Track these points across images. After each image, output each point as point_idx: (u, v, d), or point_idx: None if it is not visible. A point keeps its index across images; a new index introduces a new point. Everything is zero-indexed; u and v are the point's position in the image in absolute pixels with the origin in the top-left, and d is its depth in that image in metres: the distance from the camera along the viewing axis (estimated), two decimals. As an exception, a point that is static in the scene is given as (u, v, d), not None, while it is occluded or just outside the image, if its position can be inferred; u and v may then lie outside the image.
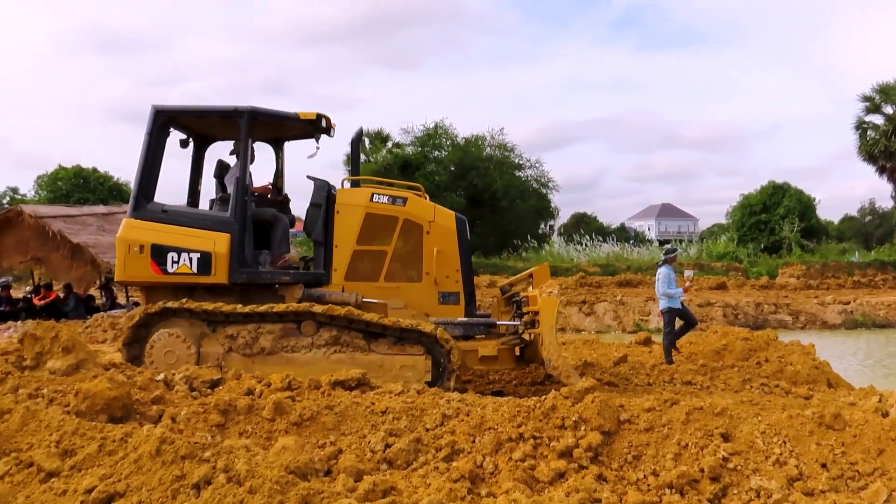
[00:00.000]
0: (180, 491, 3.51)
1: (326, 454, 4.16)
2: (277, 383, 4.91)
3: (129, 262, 6.84)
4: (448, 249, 6.93)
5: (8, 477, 3.75)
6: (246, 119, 6.88)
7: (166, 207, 7.11)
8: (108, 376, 4.50)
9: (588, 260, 28.57)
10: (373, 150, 37.55)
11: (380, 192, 7.07)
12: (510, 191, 33.65)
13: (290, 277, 6.90)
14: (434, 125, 36.34)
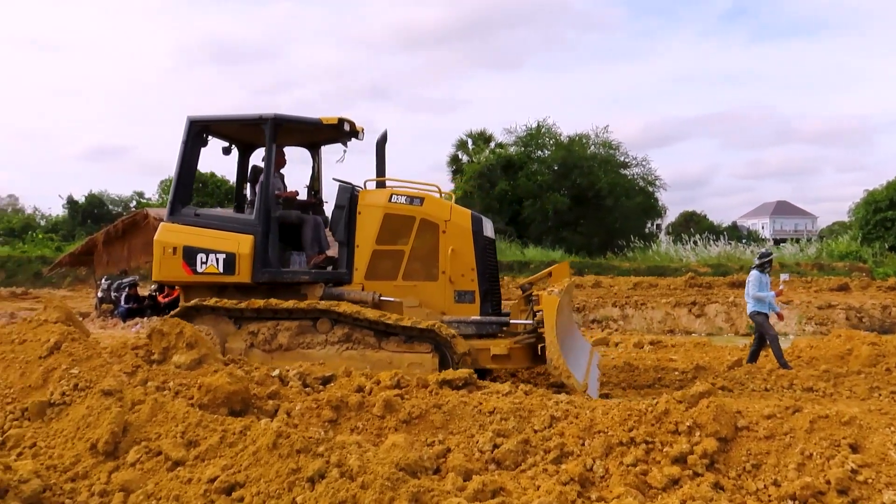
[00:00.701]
0: (296, 484, 3.62)
1: (435, 452, 4.20)
2: (387, 381, 4.99)
3: (163, 262, 7.27)
4: (463, 248, 7.00)
5: (139, 464, 3.98)
6: (270, 126, 7.16)
7: (199, 211, 7.56)
8: (228, 371, 4.70)
9: (698, 260, 27.60)
10: (475, 150, 37.69)
11: (398, 193, 7.21)
12: (615, 189, 33.01)
13: (308, 277, 7.13)
14: (537, 124, 36.13)
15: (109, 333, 12.78)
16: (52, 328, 5.05)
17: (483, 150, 37.18)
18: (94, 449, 4.07)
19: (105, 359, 4.92)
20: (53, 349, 4.84)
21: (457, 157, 39.16)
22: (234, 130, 7.85)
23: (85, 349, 4.92)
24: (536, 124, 36.09)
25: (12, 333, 5.12)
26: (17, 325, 5.30)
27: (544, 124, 36.09)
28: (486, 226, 7.33)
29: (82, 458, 4.08)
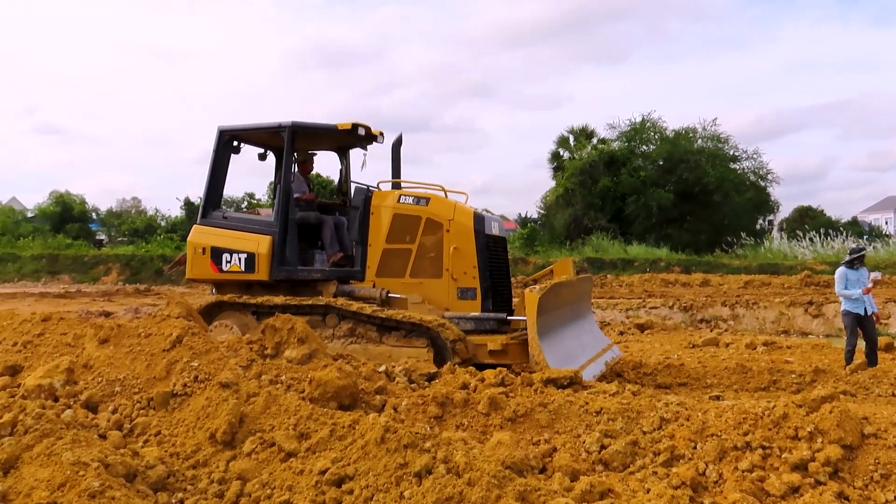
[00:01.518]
0: (403, 478, 3.67)
1: (541, 451, 4.17)
2: (491, 378, 4.99)
3: (195, 262, 7.90)
4: (465, 246, 7.25)
5: (254, 454, 4.14)
6: (288, 133, 7.61)
7: (226, 214, 8.22)
8: (337, 366, 4.82)
9: (814, 257, 26.24)
10: (577, 146, 37.16)
11: (406, 194, 7.59)
12: (724, 184, 31.79)
13: (321, 275, 7.57)
14: (641, 119, 35.27)
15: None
16: (175, 323, 5.32)
17: (585, 147, 36.62)
18: (213, 438, 4.26)
19: (222, 352, 5.15)
20: (176, 343, 5.11)
21: (558, 154, 38.73)
22: (262, 137, 8.26)
23: (204, 343, 5.17)
24: (641, 119, 35.24)
25: (139, 327, 5.43)
26: (142, 320, 5.61)
27: (649, 118, 35.19)
28: (491, 225, 7.54)
29: (202, 446, 4.28)
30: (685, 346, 11.03)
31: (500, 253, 7.72)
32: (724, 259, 27.49)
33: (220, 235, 7.81)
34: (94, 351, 5.29)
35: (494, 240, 7.59)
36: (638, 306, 19.29)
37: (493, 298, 7.28)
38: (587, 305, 8.71)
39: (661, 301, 19.11)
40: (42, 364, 5.31)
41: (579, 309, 8.09)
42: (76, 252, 32.09)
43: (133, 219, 48.68)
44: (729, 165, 33.31)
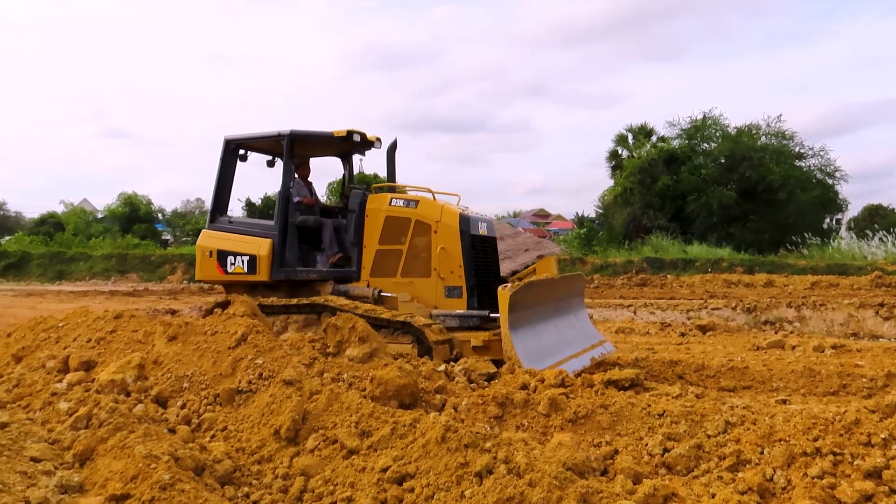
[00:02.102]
0: (464, 478, 3.68)
1: (602, 453, 4.13)
2: (551, 379, 4.97)
3: (203, 264, 8.40)
4: (452, 247, 7.50)
5: (317, 451, 4.21)
6: (287, 141, 7.99)
7: (232, 219, 8.60)
8: (398, 365, 4.86)
9: (885, 257, 25.31)
10: (636, 145, 36.64)
11: (397, 197, 7.91)
12: (788, 182, 30.90)
13: (317, 275, 7.95)
14: (702, 116, 34.56)
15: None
16: (240, 321, 5.45)
17: (644, 145, 36.08)
18: (277, 434, 4.35)
19: (286, 350, 5.25)
20: (241, 341, 5.23)
21: (616, 153, 38.26)
22: (265, 146, 8.62)
23: (268, 341, 5.28)
24: (702, 116, 34.54)
25: (206, 325, 5.58)
26: (209, 318, 5.76)
27: (710, 116, 34.46)
28: (478, 225, 7.83)
29: (267, 442, 4.38)
30: (749, 348, 10.76)
31: (488, 252, 8.00)
32: (790, 259, 26.73)
33: (226, 239, 8.28)
34: (164, 348, 5.46)
35: (481, 240, 7.85)
36: (699, 307, 18.91)
37: (479, 296, 7.48)
38: (578, 302, 8.86)
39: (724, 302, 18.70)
40: (114, 360, 5.50)
41: (566, 305, 8.24)
42: (143, 252, 33.13)
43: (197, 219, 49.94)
44: (794, 163, 32.38)
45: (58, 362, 5.68)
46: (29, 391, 5.28)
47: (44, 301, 21.16)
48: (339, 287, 7.79)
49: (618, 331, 13.22)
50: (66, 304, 16.54)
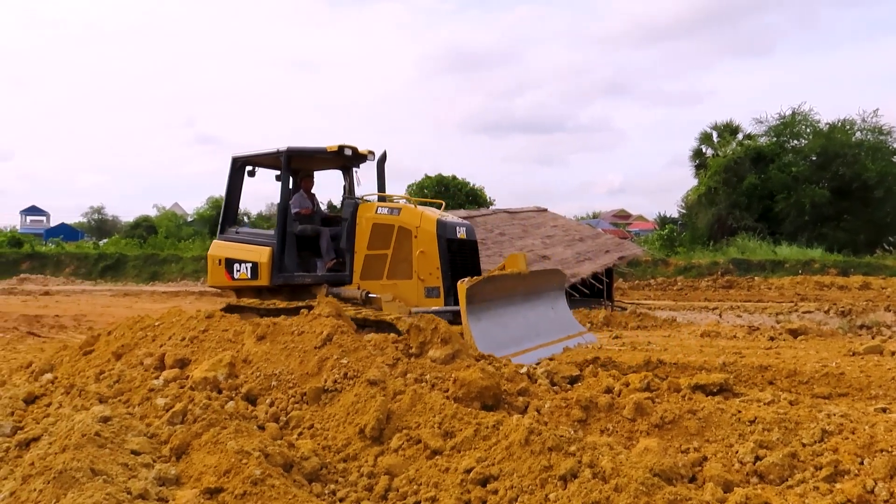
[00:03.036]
0: (548, 481, 3.66)
1: (690, 460, 4.02)
2: (636, 383, 4.88)
3: (213, 271, 9.12)
4: (430, 250, 8.02)
5: (401, 450, 4.26)
6: (284, 157, 8.62)
7: (239, 230, 9.34)
8: (480, 367, 4.87)
9: None
10: (721, 143, 35.64)
11: (382, 206, 8.51)
12: (886, 179, 29.49)
13: (311, 279, 8.55)
14: (791, 112, 33.34)
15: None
16: (325, 321, 5.57)
17: (730, 143, 35.05)
18: (362, 434, 4.42)
19: (370, 351, 5.33)
20: (326, 341, 5.34)
21: (700, 151, 37.30)
22: (268, 161, 9.16)
23: (352, 341, 5.38)
24: (790, 112, 33.32)
25: (292, 325, 5.73)
26: (295, 318, 5.91)
27: (800, 111, 33.23)
28: (455, 230, 8.32)
29: (352, 441, 4.46)
30: (844, 353, 10.27)
31: (467, 254, 8.48)
32: (888, 260, 25.46)
33: (232, 248, 8.98)
34: (253, 347, 5.63)
35: (459, 243, 8.34)
36: (789, 310, 18.24)
37: (455, 296, 7.72)
38: (557, 295, 9.24)
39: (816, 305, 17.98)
40: (206, 358, 5.70)
41: (541, 298, 8.58)
42: (230, 253, 34.11)
43: (280, 222, 51.11)
44: (892, 159, 30.84)
45: (154, 360, 5.93)
46: (128, 387, 5.53)
47: (139, 301, 22.15)
48: (332, 290, 8.35)
49: (703, 334, 12.84)
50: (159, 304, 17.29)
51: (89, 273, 33.30)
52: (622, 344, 11.78)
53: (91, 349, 7.10)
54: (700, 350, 10.27)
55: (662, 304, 21.55)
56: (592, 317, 15.93)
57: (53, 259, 34.85)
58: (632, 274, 27.97)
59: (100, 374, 6.04)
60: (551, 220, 23.50)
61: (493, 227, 20.46)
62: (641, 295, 25.40)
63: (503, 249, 18.73)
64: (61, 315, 17.08)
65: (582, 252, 20.27)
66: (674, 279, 27.81)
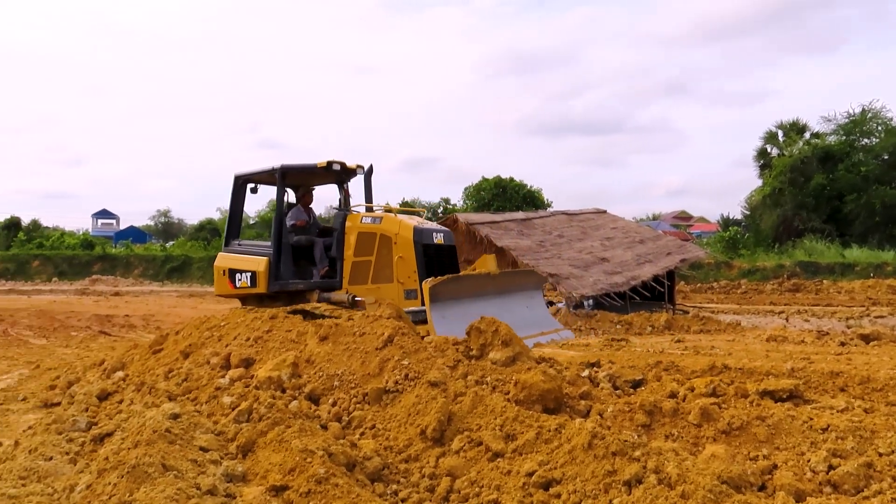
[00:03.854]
0: (612, 486, 3.61)
1: (760, 468, 3.91)
2: (702, 388, 4.78)
3: (218, 281, 9.83)
4: (408, 255, 8.53)
5: (462, 452, 4.26)
6: (279, 174, 9.18)
7: (241, 242, 10.06)
8: (542, 370, 4.84)
9: None
10: (787, 143, 34.67)
11: (366, 215, 9.09)
12: (963, 179, 28.21)
13: (304, 286, 9.16)
14: (861, 110, 32.21)
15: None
16: (386, 323, 5.61)
17: (796, 142, 34.07)
18: (424, 435, 4.44)
19: (430, 352, 5.35)
20: (387, 342, 5.38)
21: (765, 151, 36.37)
22: (266, 178, 9.69)
23: (413, 343, 5.40)
24: (861, 109, 32.18)
25: (354, 326, 5.79)
26: (357, 320, 5.98)
27: (870, 108, 32.05)
28: (432, 236, 8.76)
29: (413, 441, 4.47)
30: (921, 360, 9.88)
31: (444, 258, 8.87)
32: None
33: (235, 259, 9.68)
34: (315, 347, 5.71)
35: (436, 248, 8.78)
36: (860, 315, 17.62)
37: None
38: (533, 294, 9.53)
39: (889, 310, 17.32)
40: (270, 358, 5.81)
41: (515, 297, 8.93)
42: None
43: (339, 224, 51.77)
44: (970, 158, 29.53)
45: (220, 359, 6.07)
46: (196, 385, 5.68)
47: (203, 301, 22.73)
48: (323, 295, 9.05)
49: (769, 339, 12.52)
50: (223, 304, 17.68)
51: (156, 274, 34.35)
52: (684, 348, 11.56)
53: (160, 348, 7.32)
54: (766, 355, 10.02)
55: (726, 308, 21.08)
56: (653, 320, 15.69)
57: (123, 261, 36.04)
58: (694, 277, 27.42)
59: (168, 372, 6.22)
60: (611, 221, 23.23)
61: (552, 230, 20.32)
62: (704, 298, 24.88)
63: (562, 252, 18.59)
64: (131, 315, 17.66)
65: (642, 254, 19.98)
66: (737, 282, 27.16)
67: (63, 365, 9.65)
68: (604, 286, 17.04)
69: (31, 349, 12.60)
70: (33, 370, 9.70)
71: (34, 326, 15.62)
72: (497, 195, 40.24)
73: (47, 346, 12.96)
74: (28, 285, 31.00)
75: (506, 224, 19.50)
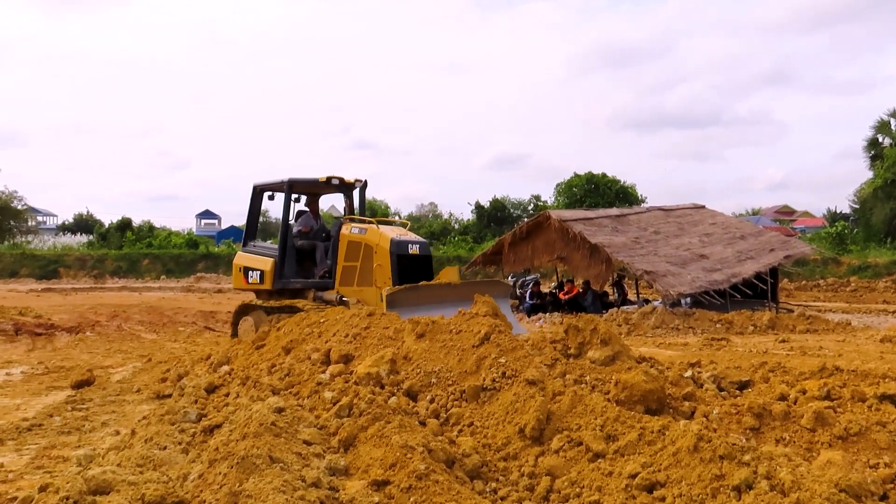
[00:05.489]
0: (720, 491, 3.48)
1: (881, 476, 3.70)
2: (815, 391, 4.55)
3: (236, 276, 11.29)
4: (385, 263, 9.68)
5: (562, 452, 4.20)
6: (287, 186, 10.53)
7: (255, 244, 11.47)
8: (643, 369, 4.72)
9: None
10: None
11: (355, 226, 10.25)
12: None
13: (301, 285, 10.52)
14: None
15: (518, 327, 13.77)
16: (483, 321, 5.61)
17: (914, 132, 32.06)
18: (522, 433, 4.40)
19: (527, 350, 5.31)
20: (484, 339, 5.37)
21: (876, 141, 34.44)
22: (280, 188, 10.79)
23: (510, 341, 5.37)
24: None
25: (451, 324, 5.81)
26: (454, 317, 6.00)
27: None
28: (408, 247, 9.84)
29: (511, 440, 4.45)
30: None
31: (419, 266, 9.88)
32: None
33: (249, 259, 11.05)
34: (412, 344, 5.77)
35: (411, 258, 9.83)
36: None
37: None
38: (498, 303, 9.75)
39: None
40: (369, 354, 5.90)
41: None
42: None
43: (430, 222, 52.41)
44: None
45: (321, 355, 6.21)
46: (298, 380, 5.83)
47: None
48: (318, 294, 10.33)
49: (883, 339, 11.84)
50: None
51: (256, 272, 35.48)
52: (790, 348, 11.08)
53: (262, 343, 7.56)
54: (881, 357, 9.49)
55: (834, 307, 20.08)
56: (755, 319, 15.10)
57: (225, 259, 37.46)
58: (798, 274, 26.23)
59: (271, 367, 6.42)
60: (709, 217, 22.50)
61: (647, 226, 19.86)
62: (809, 296, 23.78)
63: (658, 248, 18.14)
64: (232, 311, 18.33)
65: (743, 250, 19.25)
66: (846, 279, 25.84)
67: (172, 359, 10.13)
68: (702, 284, 16.52)
69: (143, 343, 13.29)
70: (145, 363, 10.22)
71: (145, 322, 16.48)
72: (589, 191, 39.66)
73: (157, 341, 13.64)
74: (139, 283, 32.73)
75: (599, 220, 19.17)
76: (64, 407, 7.18)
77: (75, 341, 13.31)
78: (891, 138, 33.96)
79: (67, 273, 34.80)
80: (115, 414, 6.98)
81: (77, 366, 9.96)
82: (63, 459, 5.26)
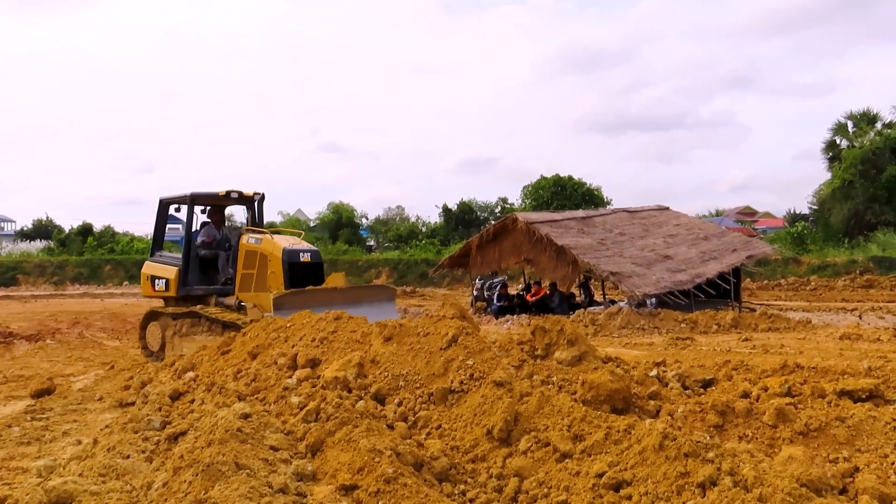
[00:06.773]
0: (685, 488, 3.52)
1: (840, 470, 3.78)
2: (776, 388, 4.64)
3: (144, 285, 12.00)
4: (277, 271, 10.50)
5: (530, 452, 4.22)
6: (189, 199, 11.30)
7: (161, 254, 12.23)
8: (609, 369, 4.76)
9: None
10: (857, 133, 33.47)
11: (252, 236, 11.01)
12: None
13: (203, 291, 11.34)
14: (938, 97, 30.81)
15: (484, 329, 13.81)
16: (450, 323, 5.61)
17: (867, 133, 32.85)
18: (490, 435, 4.42)
19: (495, 352, 5.33)
20: (451, 342, 5.38)
21: (834, 143, 35.17)
22: (184, 201, 11.46)
23: (477, 343, 5.38)
24: (937, 97, 30.79)
25: (418, 327, 5.80)
26: (421, 320, 5.99)
27: (947, 96, 30.66)
28: (299, 255, 10.62)
29: (480, 442, 4.45)
30: None
31: (310, 273, 10.67)
32: None
33: (156, 268, 11.77)
34: (380, 348, 5.75)
35: (303, 266, 10.62)
36: (940, 312, 16.86)
37: None
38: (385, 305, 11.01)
39: (971, 306, 16.49)
40: (336, 358, 5.87)
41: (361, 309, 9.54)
42: (352, 257, 35.27)
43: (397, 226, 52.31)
44: None
45: (287, 359, 6.16)
46: (264, 385, 5.78)
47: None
48: (219, 299, 11.16)
49: (842, 337, 12.10)
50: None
51: (221, 277, 35.05)
52: (753, 346, 11.26)
53: (228, 349, 7.48)
54: (840, 353, 9.68)
55: (795, 305, 20.45)
56: (719, 318, 15.33)
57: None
58: (760, 274, 26.69)
59: (237, 372, 6.35)
60: (673, 218, 22.80)
61: (613, 227, 20.05)
62: (771, 295, 24.19)
63: (623, 249, 18.32)
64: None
65: (707, 251, 19.53)
66: (807, 279, 26.34)
67: (136, 366, 9.97)
68: (667, 284, 16.71)
69: (106, 350, 13.05)
70: (108, 371, 10.04)
71: (107, 329, 16.19)
72: (556, 194, 39.92)
73: (120, 348, 13.41)
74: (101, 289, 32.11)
75: (566, 223, 19.30)
76: (23, 417, 7.03)
77: (35, 349, 13.03)
78: (848, 140, 34.72)
79: (27, 280, 34.02)
80: (77, 423, 6.85)
81: (37, 374, 9.75)
82: (23, 471, 5.14)
